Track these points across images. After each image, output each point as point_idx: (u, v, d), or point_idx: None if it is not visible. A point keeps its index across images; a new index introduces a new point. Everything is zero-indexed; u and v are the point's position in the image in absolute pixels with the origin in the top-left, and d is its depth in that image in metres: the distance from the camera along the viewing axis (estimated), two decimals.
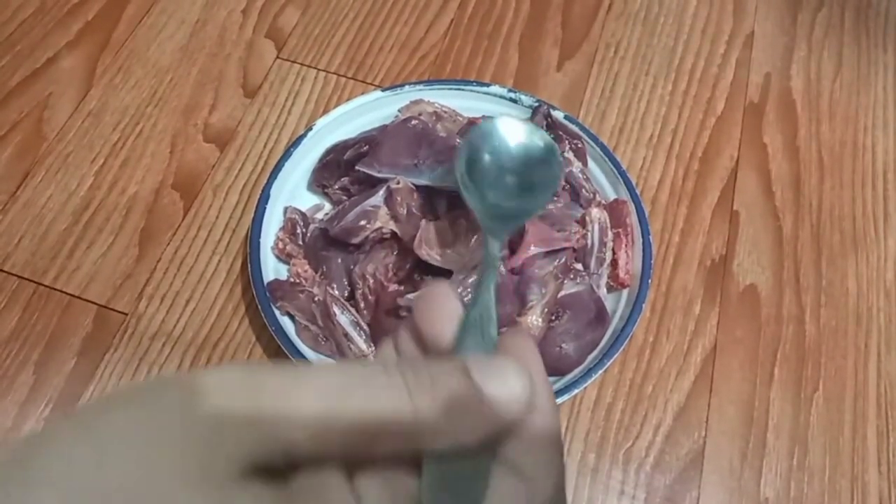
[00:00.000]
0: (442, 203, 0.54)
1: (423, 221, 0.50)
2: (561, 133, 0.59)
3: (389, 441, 0.19)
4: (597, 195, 0.58)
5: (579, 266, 0.55)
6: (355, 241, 0.52)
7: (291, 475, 0.19)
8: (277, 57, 0.70)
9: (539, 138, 0.25)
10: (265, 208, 0.55)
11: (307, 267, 0.53)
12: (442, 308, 0.22)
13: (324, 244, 0.55)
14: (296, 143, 0.58)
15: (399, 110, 0.60)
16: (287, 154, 0.57)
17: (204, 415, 0.18)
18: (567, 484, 0.52)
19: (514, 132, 0.25)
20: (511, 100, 0.61)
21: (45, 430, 0.18)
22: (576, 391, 0.49)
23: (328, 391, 0.19)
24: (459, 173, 0.25)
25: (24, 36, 0.70)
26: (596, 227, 0.55)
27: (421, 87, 0.61)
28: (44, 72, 0.68)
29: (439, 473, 0.20)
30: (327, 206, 0.59)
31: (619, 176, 0.58)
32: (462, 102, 0.61)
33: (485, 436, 0.20)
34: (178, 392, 0.18)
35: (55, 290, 0.57)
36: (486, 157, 0.25)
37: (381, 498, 0.19)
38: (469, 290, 0.21)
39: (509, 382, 0.20)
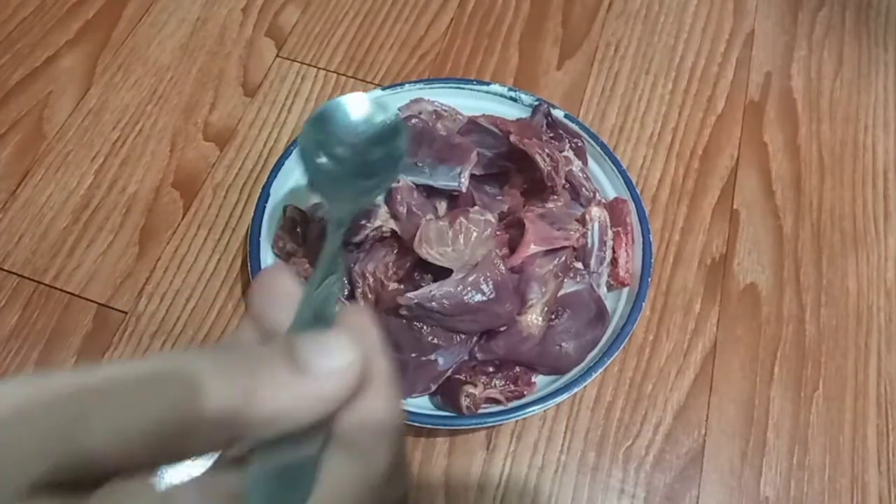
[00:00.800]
0: (442, 202, 0.54)
1: (423, 220, 0.50)
2: (561, 132, 0.59)
3: (203, 432, 0.18)
4: (597, 194, 0.58)
5: (579, 265, 0.54)
6: (355, 239, 0.52)
7: (92, 487, 0.17)
8: (277, 55, 0.70)
9: (383, 111, 0.25)
10: (265, 207, 0.55)
11: (307, 265, 0.53)
12: (277, 292, 0.22)
13: (324, 243, 0.54)
14: (296, 141, 0.58)
15: (399, 109, 0.60)
16: (287, 153, 0.57)
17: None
18: (571, 479, 0.52)
19: (359, 108, 0.25)
20: (511, 98, 0.61)
21: None
22: (576, 390, 0.49)
23: (124, 392, 0.17)
24: (302, 147, 0.24)
25: (25, 34, 0.70)
26: (596, 225, 0.55)
27: (421, 85, 0.61)
28: (44, 70, 0.68)
29: (265, 462, 0.19)
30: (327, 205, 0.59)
31: (619, 175, 0.58)
32: (462, 101, 0.61)
33: (311, 416, 0.19)
34: None
35: (55, 288, 0.57)
36: (330, 132, 0.24)
37: (194, 499, 0.17)
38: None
39: (336, 357, 0.19)
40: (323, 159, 0.24)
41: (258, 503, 0.18)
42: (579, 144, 0.59)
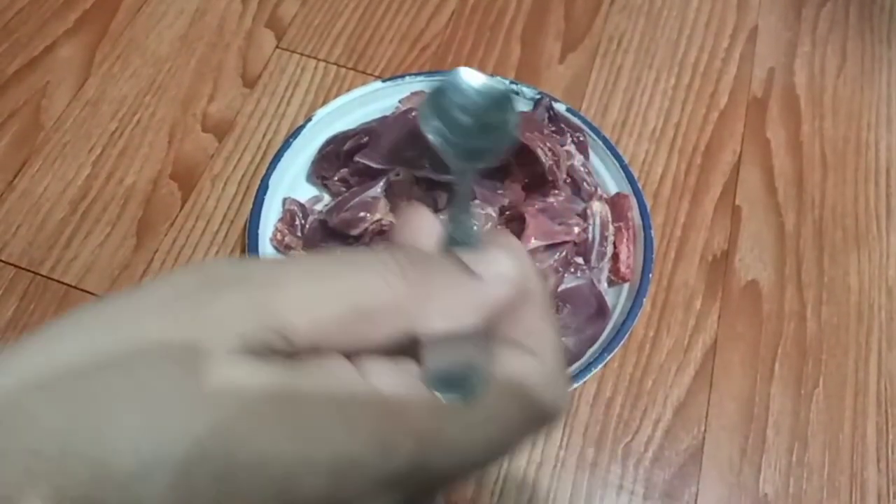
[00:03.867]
0: (442, 195, 0.54)
1: None
2: (563, 126, 0.59)
3: (385, 322, 0.19)
4: (598, 189, 0.58)
5: (580, 260, 0.54)
6: (354, 232, 0.52)
7: (292, 359, 0.18)
8: (277, 47, 0.70)
9: (496, 83, 0.27)
10: (264, 199, 0.55)
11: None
12: (422, 227, 0.22)
13: (323, 235, 0.54)
14: (295, 133, 0.57)
15: (399, 101, 0.60)
16: (286, 145, 0.57)
17: (196, 300, 0.18)
18: (569, 475, 0.51)
19: (474, 79, 0.27)
20: (513, 92, 0.61)
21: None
22: (575, 385, 0.49)
23: (320, 272, 0.19)
24: (425, 116, 0.26)
25: (22, 24, 0.69)
26: (597, 220, 0.55)
27: (422, 78, 0.60)
28: (41, 60, 0.67)
29: (441, 358, 0.19)
30: (326, 198, 0.59)
31: (621, 170, 0.58)
32: None
33: (481, 315, 0.20)
34: (166, 283, 0.18)
35: (52, 279, 0.57)
36: (449, 101, 0.27)
37: (387, 375, 0.19)
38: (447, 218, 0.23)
39: (501, 262, 0.21)
40: (441, 123, 0.26)
41: (440, 392, 0.19)
42: (581, 139, 0.59)
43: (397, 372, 0.19)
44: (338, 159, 0.57)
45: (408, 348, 0.19)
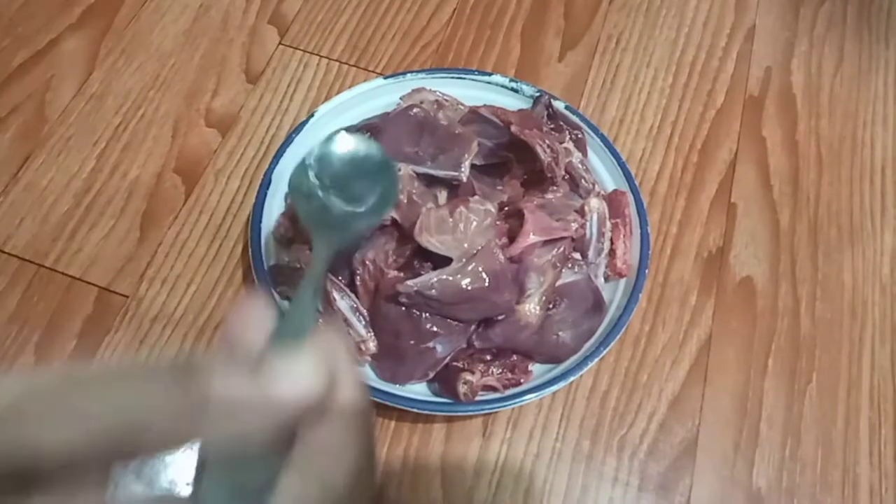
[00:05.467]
0: (442, 191, 0.55)
1: (424, 209, 0.51)
2: (562, 123, 0.60)
3: (153, 443, 0.18)
4: (596, 186, 0.58)
5: (578, 255, 0.55)
6: None
7: (43, 482, 0.18)
8: (280, 43, 0.70)
9: (376, 152, 0.26)
10: (266, 193, 0.55)
11: (307, 251, 0.53)
12: (251, 321, 0.22)
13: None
14: (298, 129, 0.58)
15: (401, 98, 0.60)
16: (289, 140, 0.57)
17: None
18: (566, 466, 0.52)
19: (348, 145, 0.26)
20: (512, 89, 0.61)
21: None
22: (572, 379, 0.50)
23: (74, 405, 0.18)
24: (294, 182, 0.25)
25: (27, 18, 0.70)
26: (595, 217, 0.55)
27: (423, 75, 0.61)
28: (46, 54, 0.68)
29: (221, 480, 0.18)
30: None
31: (618, 167, 0.59)
32: (464, 91, 0.61)
33: (271, 424, 0.19)
34: None
35: (56, 271, 0.57)
36: (320, 166, 0.25)
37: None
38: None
39: (294, 363, 0.19)
40: (311, 190, 0.25)
41: None
42: (579, 136, 0.60)
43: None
44: None
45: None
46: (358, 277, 0.52)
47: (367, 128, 0.58)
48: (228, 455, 0.19)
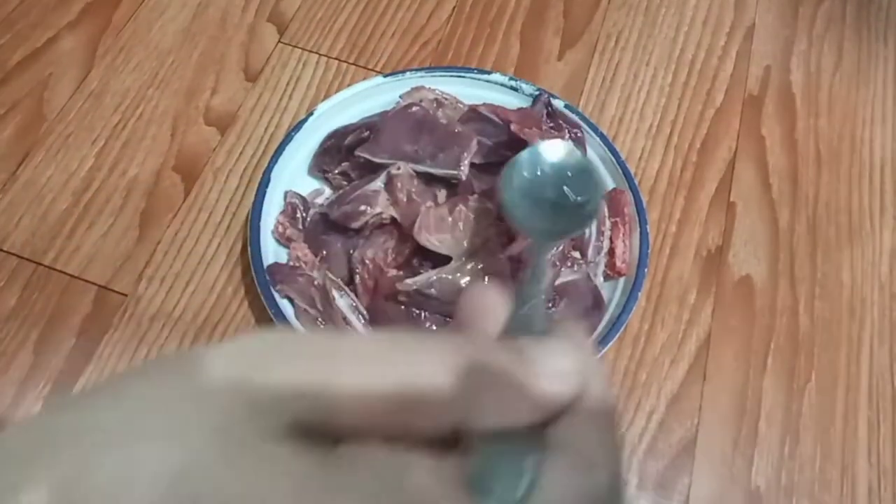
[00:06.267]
0: (442, 189, 0.55)
1: (423, 207, 0.51)
2: (561, 122, 0.60)
3: (434, 413, 0.18)
4: None
5: (577, 254, 0.55)
6: (355, 225, 0.53)
7: (331, 446, 0.18)
8: (279, 41, 0.70)
9: (576, 158, 0.27)
10: (265, 192, 0.55)
11: (307, 251, 0.53)
12: (487, 310, 0.22)
13: (324, 228, 0.55)
14: (297, 127, 0.58)
15: (400, 96, 0.60)
16: (288, 138, 0.57)
17: (236, 379, 0.17)
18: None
19: (554, 152, 0.27)
20: (512, 88, 0.61)
21: (71, 399, 0.18)
22: None
23: (374, 355, 0.18)
24: (506, 193, 0.26)
25: (25, 15, 0.69)
26: None
27: (422, 73, 0.61)
28: (44, 52, 0.68)
29: (487, 457, 0.19)
30: (327, 191, 0.59)
31: (617, 166, 0.59)
32: (463, 89, 0.61)
33: (533, 416, 0.19)
34: (207, 359, 0.18)
35: (55, 270, 0.57)
36: (528, 177, 0.27)
37: (426, 476, 0.18)
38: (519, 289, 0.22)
39: (561, 360, 0.19)
40: (521, 194, 0.26)
41: (481, 493, 0.18)
42: (579, 135, 0.60)
43: (437, 474, 0.18)
44: (339, 153, 0.58)
45: (455, 440, 0.19)
46: (357, 276, 0.52)
47: (366, 126, 0.57)
48: (491, 444, 0.19)
